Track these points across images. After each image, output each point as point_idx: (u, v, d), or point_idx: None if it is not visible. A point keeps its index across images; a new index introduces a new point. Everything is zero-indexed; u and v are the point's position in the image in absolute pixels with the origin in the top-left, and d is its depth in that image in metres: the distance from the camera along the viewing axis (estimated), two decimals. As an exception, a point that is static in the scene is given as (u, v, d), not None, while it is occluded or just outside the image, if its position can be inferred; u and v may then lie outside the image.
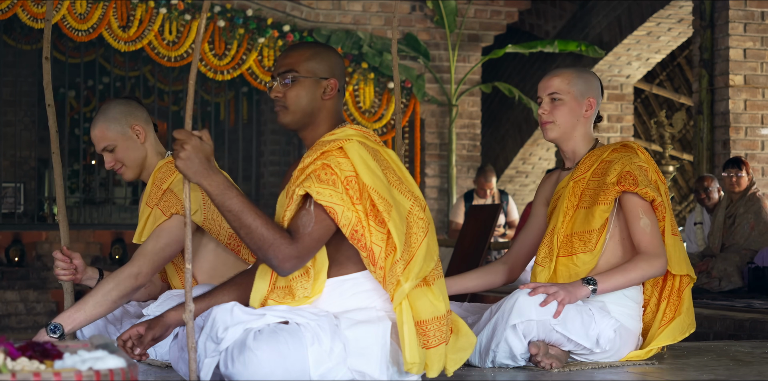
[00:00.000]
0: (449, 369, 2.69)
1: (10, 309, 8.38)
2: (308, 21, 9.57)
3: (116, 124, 3.46)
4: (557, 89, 3.36)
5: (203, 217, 3.35)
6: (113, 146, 3.45)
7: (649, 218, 3.24)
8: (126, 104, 3.52)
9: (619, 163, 3.28)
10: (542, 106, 3.39)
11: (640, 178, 3.24)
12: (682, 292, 3.33)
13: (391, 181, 2.66)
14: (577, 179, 3.35)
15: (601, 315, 3.18)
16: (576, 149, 3.41)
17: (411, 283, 2.58)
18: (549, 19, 10.87)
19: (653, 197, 3.23)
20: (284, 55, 2.80)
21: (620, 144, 3.38)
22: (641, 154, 3.35)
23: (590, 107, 3.38)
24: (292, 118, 2.76)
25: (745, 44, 8.25)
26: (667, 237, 3.30)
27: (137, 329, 2.77)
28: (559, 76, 3.39)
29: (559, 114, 3.36)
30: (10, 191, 10.57)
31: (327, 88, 2.78)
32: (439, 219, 9.84)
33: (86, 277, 3.47)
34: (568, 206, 3.34)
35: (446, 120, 9.98)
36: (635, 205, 3.25)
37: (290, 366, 2.50)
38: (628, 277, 3.18)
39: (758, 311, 5.27)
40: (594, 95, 3.39)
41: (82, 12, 8.75)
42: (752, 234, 7.16)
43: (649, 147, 11.99)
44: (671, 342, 3.32)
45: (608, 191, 3.25)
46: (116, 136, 3.45)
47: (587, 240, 3.27)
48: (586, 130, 3.40)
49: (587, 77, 3.41)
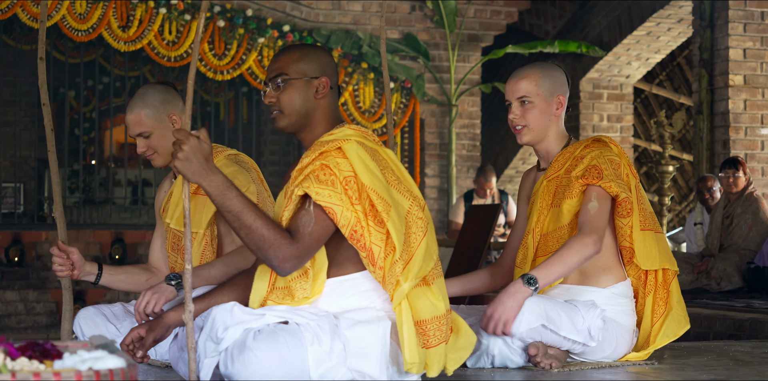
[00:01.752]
0: (449, 368, 2.69)
1: (9, 309, 8.37)
2: (308, 21, 9.57)
3: (154, 111, 3.44)
4: (526, 92, 3.32)
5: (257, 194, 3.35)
6: (149, 133, 3.43)
7: (599, 202, 3.20)
8: (165, 92, 3.49)
9: (588, 158, 3.26)
10: (512, 110, 3.35)
11: (606, 172, 3.21)
12: (668, 284, 3.32)
13: (389, 181, 2.66)
14: (551, 178, 3.34)
15: (586, 307, 3.17)
16: (549, 149, 3.39)
17: (410, 283, 2.58)
18: (549, 19, 10.87)
19: (617, 193, 3.21)
20: (273, 61, 2.82)
21: (592, 139, 3.36)
22: (614, 147, 3.33)
23: (560, 105, 3.35)
24: (289, 121, 2.77)
25: (744, 44, 8.25)
26: (635, 232, 3.26)
27: (138, 332, 2.78)
28: (525, 78, 3.34)
29: (531, 117, 3.33)
30: (10, 191, 10.57)
31: (319, 87, 2.78)
32: (438, 219, 9.84)
33: (84, 272, 3.40)
34: (543, 205, 3.33)
35: (446, 120, 9.98)
36: (591, 190, 3.21)
37: (290, 366, 2.50)
38: (566, 261, 3.09)
39: (758, 311, 5.27)
40: (562, 92, 3.36)
41: (82, 12, 8.75)
42: (750, 234, 7.16)
43: (649, 147, 12.00)
44: (670, 339, 3.31)
45: (573, 185, 3.24)
46: (153, 123, 3.42)
47: (560, 237, 3.26)
48: (559, 128, 3.38)
49: (553, 74, 3.36)
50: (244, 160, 3.45)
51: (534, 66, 3.39)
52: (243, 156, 3.49)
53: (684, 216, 12.01)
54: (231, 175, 3.29)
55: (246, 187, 3.28)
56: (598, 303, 3.22)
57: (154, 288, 3.11)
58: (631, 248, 3.28)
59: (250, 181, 3.31)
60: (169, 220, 3.45)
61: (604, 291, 3.25)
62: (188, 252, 2.48)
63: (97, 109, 10.88)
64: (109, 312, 3.43)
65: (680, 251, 9.10)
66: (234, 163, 3.40)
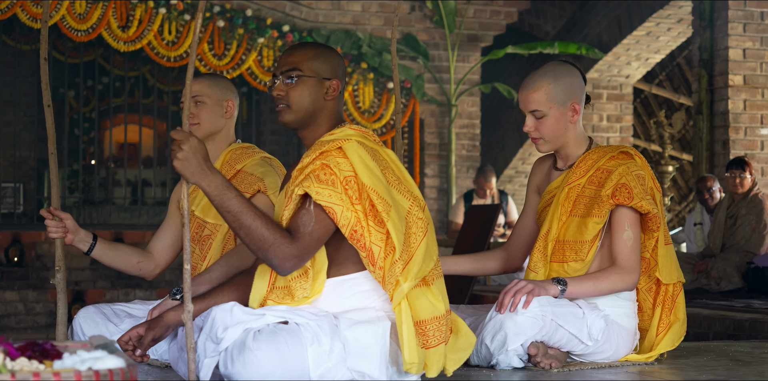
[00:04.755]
0: (449, 369, 2.69)
1: (9, 309, 8.37)
2: (308, 21, 9.57)
3: (218, 88, 3.51)
4: (537, 106, 3.27)
5: None
6: (203, 101, 3.48)
7: (633, 231, 3.20)
8: (232, 83, 3.60)
9: (616, 174, 3.22)
10: (527, 123, 3.30)
11: (636, 190, 3.19)
12: (676, 296, 3.33)
13: (390, 181, 2.66)
14: (572, 185, 3.30)
15: (590, 308, 3.18)
16: (569, 152, 3.35)
17: (410, 283, 2.58)
18: (548, 19, 10.88)
19: (648, 210, 3.19)
20: (288, 54, 2.80)
21: (618, 150, 3.30)
22: (638, 160, 3.29)
23: (575, 112, 3.29)
24: (294, 117, 2.76)
25: (744, 44, 8.25)
26: (660, 247, 3.27)
27: (137, 330, 2.78)
28: (536, 90, 3.27)
29: (546, 129, 3.28)
30: (10, 191, 10.58)
31: (330, 89, 2.78)
32: (438, 219, 9.84)
33: (78, 238, 3.35)
34: (562, 212, 3.29)
35: (446, 120, 9.98)
36: (624, 216, 3.21)
37: (290, 366, 2.50)
38: (599, 286, 3.16)
39: (757, 311, 5.27)
40: (576, 99, 3.30)
41: (82, 12, 8.74)
42: (753, 235, 7.15)
43: (649, 147, 12.00)
44: (670, 348, 3.33)
45: (603, 204, 3.20)
46: (211, 94, 3.49)
47: (579, 249, 3.24)
48: (577, 132, 3.33)
49: (565, 81, 3.29)
50: (276, 165, 3.49)
51: (545, 75, 3.29)
52: (276, 161, 3.53)
53: (684, 216, 12.01)
54: (263, 174, 3.35)
55: (274, 190, 3.29)
56: (600, 305, 3.22)
57: (160, 305, 3.12)
58: (653, 261, 3.29)
59: (278, 185, 3.32)
60: (195, 208, 3.45)
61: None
62: (187, 252, 2.48)
63: (96, 109, 10.88)
64: (110, 311, 3.42)
65: (680, 251, 9.10)
66: (268, 165, 3.43)
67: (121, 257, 3.49)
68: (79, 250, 3.42)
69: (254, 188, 3.33)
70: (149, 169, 11.63)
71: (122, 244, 3.55)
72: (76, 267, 8.65)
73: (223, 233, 3.38)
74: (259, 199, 3.32)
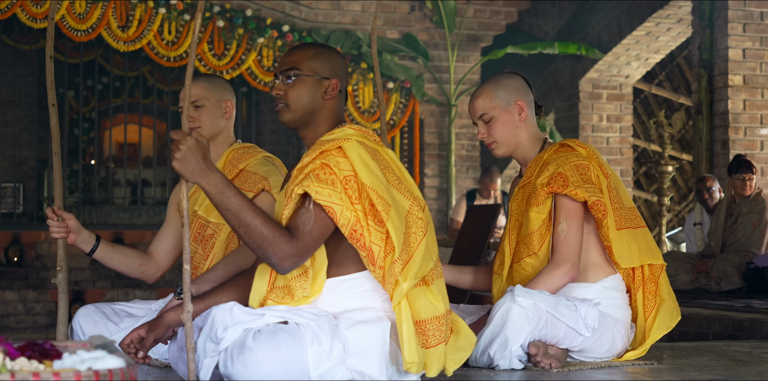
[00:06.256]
0: (449, 369, 2.69)
1: (9, 309, 8.38)
2: (307, 21, 9.57)
3: (215, 90, 3.53)
4: (483, 110, 3.36)
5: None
6: (202, 104, 3.49)
7: (568, 223, 3.22)
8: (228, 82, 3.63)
9: (553, 164, 3.27)
10: (479, 130, 3.39)
11: (572, 178, 3.22)
12: (657, 278, 3.33)
13: (390, 180, 2.66)
14: (524, 185, 3.37)
15: (579, 300, 3.19)
16: (525, 154, 3.41)
17: (409, 283, 2.58)
18: (548, 19, 10.87)
19: (584, 198, 3.21)
20: (288, 54, 2.82)
21: (559, 144, 3.36)
22: (582, 150, 3.32)
23: (522, 110, 3.36)
24: (293, 116, 2.77)
25: (744, 44, 8.25)
26: (611, 232, 3.25)
27: (138, 332, 2.78)
28: (479, 97, 3.38)
29: (496, 132, 3.36)
30: (9, 191, 10.58)
31: (328, 88, 2.79)
32: (438, 219, 9.84)
33: (81, 239, 3.35)
34: (517, 212, 3.37)
35: (445, 120, 9.98)
36: (560, 208, 3.25)
37: (290, 366, 2.50)
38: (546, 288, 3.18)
39: (757, 311, 5.27)
40: (520, 97, 3.37)
41: (81, 12, 8.75)
42: (753, 233, 7.15)
43: (649, 147, 12.00)
44: (665, 331, 3.31)
45: (538, 192, 3.26)
46: (210, 97, 3.51)
47: (529, 243, 3.28)
48: (529, 132, 3.39)
49: (506, 83, 3.39)
50: (278, 164, 3.51)
51: (485, 83, 3.43)
52: (278, 161, 3.55)
53: (683, 216, 12.01)
54: (266, 173, 3.36)
55: (278, 190, 3.30)
56: (590, 298, 3.23)
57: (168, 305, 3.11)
58: (611, 248, 3.29)
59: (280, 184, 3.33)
60: (198, 208, 3.45)
61: (594, 285, 3.27)
62: (186, 252, 2.48)
63: (96, 109, 10.88)
64: (109, 310, 3.42)
65: (680, 251, 9.10)
66: (271, 164, 3.45)
67: (123, 260, 3.49)
68: (79, 250, 3.41)
69: (258, 187, 3.35)
70: (149, 169, 11.63)
71: (125, 247, 3.55)
72: (76, 267, 8.65)
73: (226, 233, 3.39)
74: (264, 198, 3.33)
